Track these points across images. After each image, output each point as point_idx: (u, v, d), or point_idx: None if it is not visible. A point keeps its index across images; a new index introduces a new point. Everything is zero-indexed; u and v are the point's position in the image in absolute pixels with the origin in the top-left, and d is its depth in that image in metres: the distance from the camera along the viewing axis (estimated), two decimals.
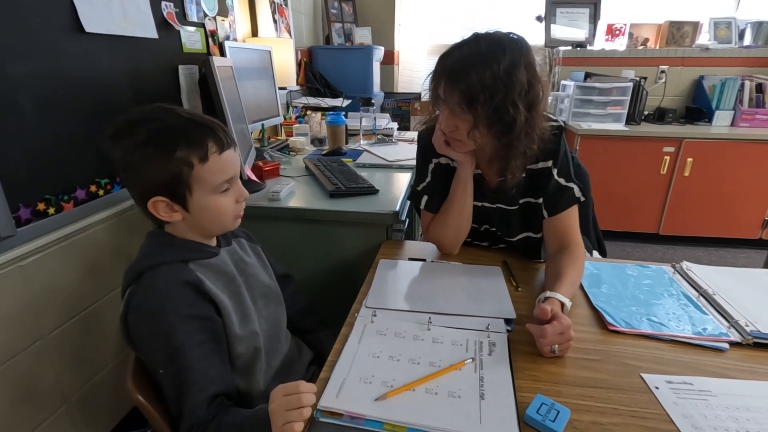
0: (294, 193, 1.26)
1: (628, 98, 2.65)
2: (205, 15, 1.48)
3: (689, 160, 2.51)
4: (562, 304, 0.75)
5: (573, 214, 0.92)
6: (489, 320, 0.75)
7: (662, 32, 2.93)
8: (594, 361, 0.67)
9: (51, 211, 0.92)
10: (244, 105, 1.43)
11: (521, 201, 0.96)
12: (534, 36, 3.05)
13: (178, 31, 1.33)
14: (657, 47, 2.94)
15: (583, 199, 0.93)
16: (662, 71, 2.82)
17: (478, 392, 0.60)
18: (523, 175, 0.90)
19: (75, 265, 1.00)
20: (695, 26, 2.84)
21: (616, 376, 0.64)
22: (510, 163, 0.86)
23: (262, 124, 1.64)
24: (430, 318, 0.75)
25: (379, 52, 2.84)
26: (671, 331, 0.74)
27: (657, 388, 0.62)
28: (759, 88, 2.63)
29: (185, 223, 0.68)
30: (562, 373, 0.65)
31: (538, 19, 3.00)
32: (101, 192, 1.05)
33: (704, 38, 2.89)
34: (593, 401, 0.59)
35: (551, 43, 3.00)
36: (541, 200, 0.93)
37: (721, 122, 2.68)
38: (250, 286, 0.75)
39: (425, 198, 1.01)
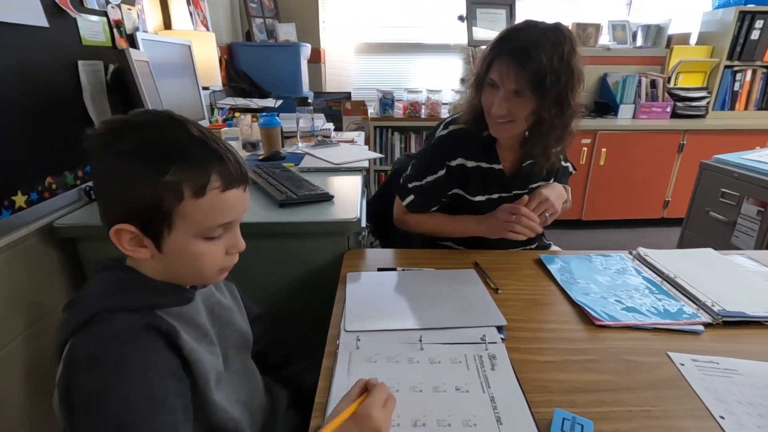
0: None
1: None
2: (107, 2, 1.25)
3: (603, 150, 2.75)
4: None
5: None
6: (482, 330, 0.70)
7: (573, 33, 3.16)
8: (595, 362, 0.65)
9: None
10: (165, 107, 1.24)
11: (532, 185, 1.02)
12: (457, 36, 3.13)
13: (75, 20, 1.11)
14: None
15: (575, 171, 1.13)
16: None
17: (493, 416, 0.54)
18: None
19: None
20: (597, 28, 3.11)
21: (620, 375, 0.63)
22: (555, 146, 0.93)
23: None
24: (421, 336, 0.68)
25: (307, 50, 2.71)
26: (651, 319, 0.75)
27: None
28: (653, 83, 2.95)
29: (153, 262, 0.53)
30: (569, 380, 0.62)
31: (460, 18, 3.07)
32: None
33: (605, 39, 3.18)
34: (608, 406, 0.57)
35: (474, 43, 3.09)
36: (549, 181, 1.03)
37: (625, 115, 2.97)
38: (223, 337, 0.61)
39: (411, 197, 1.04)
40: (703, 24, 3.00)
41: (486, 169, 1.01)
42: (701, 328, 0.73)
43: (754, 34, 2.79)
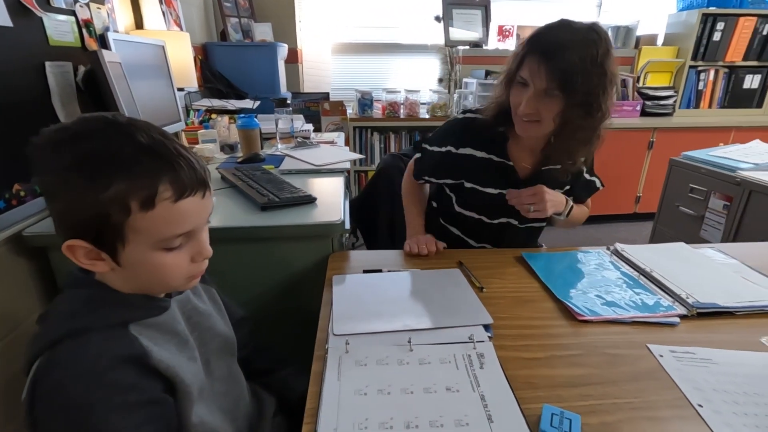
0: (217, 209, 1.09)
1: None
2: (75, 1, 1.20)
3: None
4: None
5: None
6: (469, 329, 0.71)
7: None
8: (579, 357, 0.67)
9: None
10: (140, 109, 1.20)
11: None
12: (434, 36, 3.15)
13: (41, 19, 1.06)
14: None
15: (602, 187, 1.11)
16: None
17: (484, 414, 0.55)
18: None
19: None
20: None
21: (604, 369, 0.64)
22: (582, 150, 0.92)
23: None
24: (409, 338, 0.68)
25: (284, 50, 2.68)
26: (630, 313, 0.78)
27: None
28: (623, 83, 3.05)
29: (118, 275, 0.51)
30: (555, 375, 0.63)
31: (437, 19, 3.10)
32: None
33: None
34: (593, 400, 0.58)
35: (450, 43, 3.13)
36: (565, 189, 1.05)
37: None
38: (204, 343, 0.60)
39: (419, 155, 1.12)
40: (669, 26, 3.12)
41: (497, 163, 1.01)
42: (677, 320, 0.76)
43: (716, 36, 2.92)
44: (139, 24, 1.64)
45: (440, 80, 3.33)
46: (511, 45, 3.24)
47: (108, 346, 0.47)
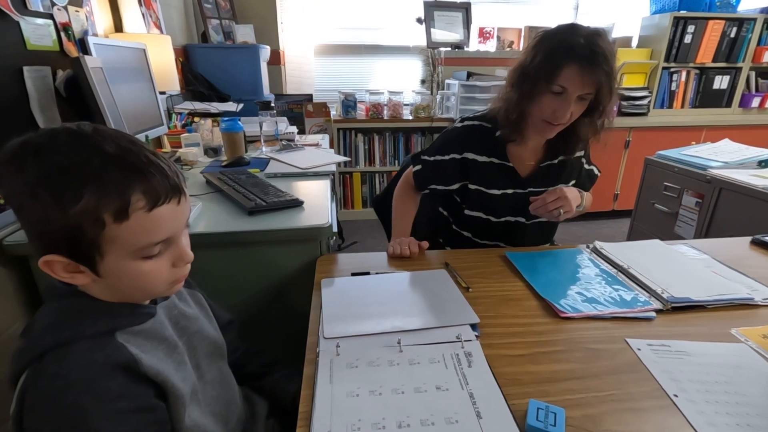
0: (203, 214, 1.08)
1: None
2: (53, 4, 1.18)
3: None
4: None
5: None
6: (457, 329, 0.73)
7: (524, 36, 3.30)
8: (562, 352, 0.70)
9: None
10: (122, 113, 1.19)
11: (550, 186, 1.07)
12: (416, 37, 3.18)
13: (18, 23, 1.04)
14: (520, 49, 3.30)
15: (600, 174, 1.22)
16: None
17: (473, 411, 0.57)
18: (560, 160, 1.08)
19: None
20: None
21: (586, 363, 0.67)
22: (581, 143, 1.04)
23: (146, 136, 1.39)
24: (399, 339, 0.70)
25: (266, 52, 2.66)
26: (609, 309, 0.81)
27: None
28: None
29: (98, 285, 0.51)
30: (540, 371, 0.65)
31: (419, 21, 3.13)
32: None
33: None
34: (577, 393, 0.61)
35: (432, 44, 3.16)
36: (571, 183, 1.12)
37: None
38: (192, 347, 0.60)
39: (419, 167, 1.15)
40: (643, 28, 3.22)
41: (499, 165, 1.08)
42: (654, 314, 0.80)
43: (687, 38, 3.02)
44: (118, 27, 1.62)
45: (423, 81, 3.36)
46: (491, 46, 3.29)
47: (96, 354, 0.47)
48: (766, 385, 0.62)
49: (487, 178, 1.09)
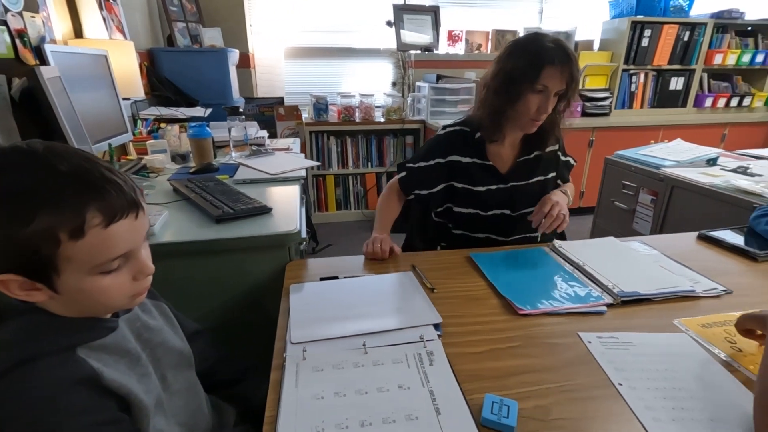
0: (169, 223, 1.08)
1: (473, 97, 2.99)
2: (6, 10, 1.15)
3: None
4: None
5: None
6: (420, 330, 0.76)
7: (491, 38, 3.38)
8: (520, 348, 0.74)
9: None
10: (83, 122, 1.16)
11: (534, 179, 1.21)
12: (386, 40, 3.21)
13: None
14: (488, 51, 3.38)
15: (575, 163, 1.33)
16: None
17: (433, 408, 0.59)
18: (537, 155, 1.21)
19: None
20: (514, 34, 3.35)
21: (542, 357, 0.71)
22: (552, 133, 1.15)
23: (109, 144, 1.36)
24: (364, 341, 0.72)
25: (234, 56, 2.63)
26: (564, 305, 0.86)
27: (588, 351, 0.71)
28: None
29: (56, 302, 0.50)
30: (499, 366, 0.69)
31: (388, 24, 3.16)
32: None
33: None
34: (530, 386, 0.65)
35: (402, 47, 3.20)
36: (550, 176, 1.24)
37: None
38: (156, 359, 0.61)
39: (404, 174, 1.23)
40: (603, 32, 3.35)
41: (480, 164, 1.19)
42: (605, 308, 0.85)
43: (645, 42, 3.17)
44: (78, 32, 1.58)
45: (394, 84, 3.39)
46: (460, 49, 3.35)
47: (58, 371, 0.47)
48: (701, 371, 0.68)
49: (472, 177, 1.19)
